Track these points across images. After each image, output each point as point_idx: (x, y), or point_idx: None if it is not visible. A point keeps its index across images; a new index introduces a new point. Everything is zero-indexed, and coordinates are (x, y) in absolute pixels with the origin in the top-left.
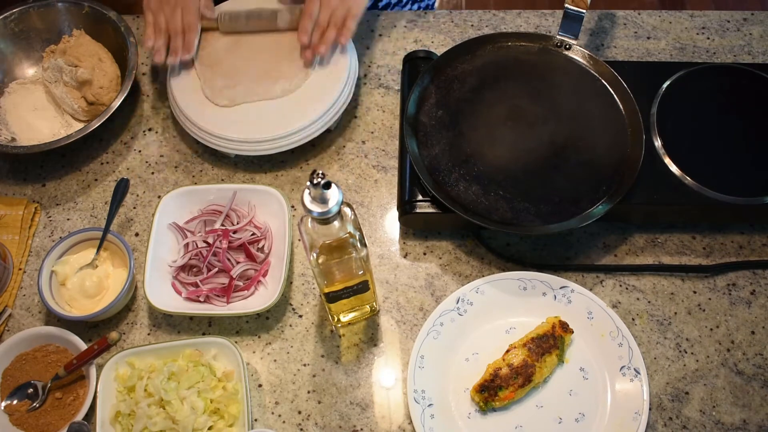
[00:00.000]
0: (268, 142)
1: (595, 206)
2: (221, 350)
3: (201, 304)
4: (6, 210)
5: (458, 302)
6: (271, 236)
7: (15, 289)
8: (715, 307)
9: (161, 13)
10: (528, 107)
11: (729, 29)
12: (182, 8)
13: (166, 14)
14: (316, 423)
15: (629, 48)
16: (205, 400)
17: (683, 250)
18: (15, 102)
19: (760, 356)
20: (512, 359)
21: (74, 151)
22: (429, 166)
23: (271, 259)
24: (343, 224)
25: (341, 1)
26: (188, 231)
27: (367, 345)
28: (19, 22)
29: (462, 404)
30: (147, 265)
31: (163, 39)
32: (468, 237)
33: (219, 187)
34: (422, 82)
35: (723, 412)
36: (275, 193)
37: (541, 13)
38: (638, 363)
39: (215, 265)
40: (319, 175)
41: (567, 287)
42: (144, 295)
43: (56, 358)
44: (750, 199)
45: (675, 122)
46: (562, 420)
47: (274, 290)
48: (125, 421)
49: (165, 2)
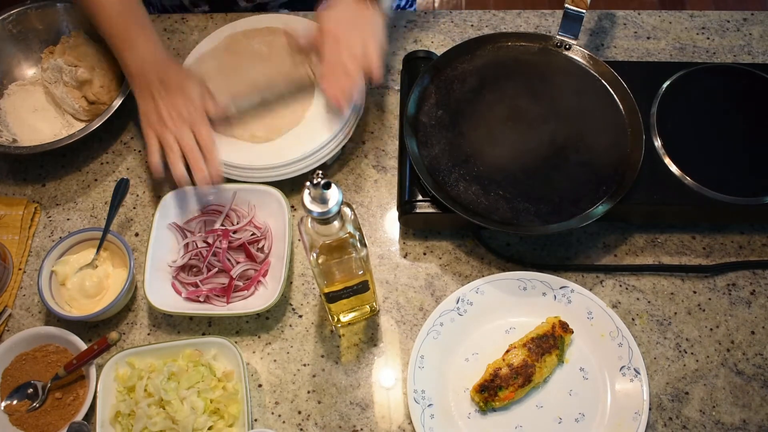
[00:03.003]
0: (268, 169)
1: (595, 206)
2: (221, 350)
3: (201, 304)
4: (6, 210)
5: (458, 302)
6: (271, 236)
7: (15, 289)
8: (715, 307)
9: (167, 131)
10: (528, 107)
11: (729, 29)
12: (190, 125)
13: (173, 131)
14: (316, 423)
15: (629, 48)
16: (205, 400)
17: (683, 250)
18: (15, 103)
19: (760, 356)
20: (512, 359)
21: (74, 151)
22: (429, 166)
23: (271, 259)
24: (343, 224)
25: (360, 40)
26: (188, 231)
27: (367, 345)
28: (18, 23)
29: (462, 404)
30: (147, 264)
31: (178, 156)
32: (468, 237)
33: (219, 186)
34: (422, 82)
35: (723, 412)
36: (275, 193)
37: (541, 13)
38: (638, 363)
39: (215, 265)
40: (319, 175)
41: (567, 287)
42: (144, 295)
43: (56, 358)
44: (750, 199)
45: (675, 122)
46: (562, 420)
47: (274, 290)
48: (125, 421)
49: (168, 120)
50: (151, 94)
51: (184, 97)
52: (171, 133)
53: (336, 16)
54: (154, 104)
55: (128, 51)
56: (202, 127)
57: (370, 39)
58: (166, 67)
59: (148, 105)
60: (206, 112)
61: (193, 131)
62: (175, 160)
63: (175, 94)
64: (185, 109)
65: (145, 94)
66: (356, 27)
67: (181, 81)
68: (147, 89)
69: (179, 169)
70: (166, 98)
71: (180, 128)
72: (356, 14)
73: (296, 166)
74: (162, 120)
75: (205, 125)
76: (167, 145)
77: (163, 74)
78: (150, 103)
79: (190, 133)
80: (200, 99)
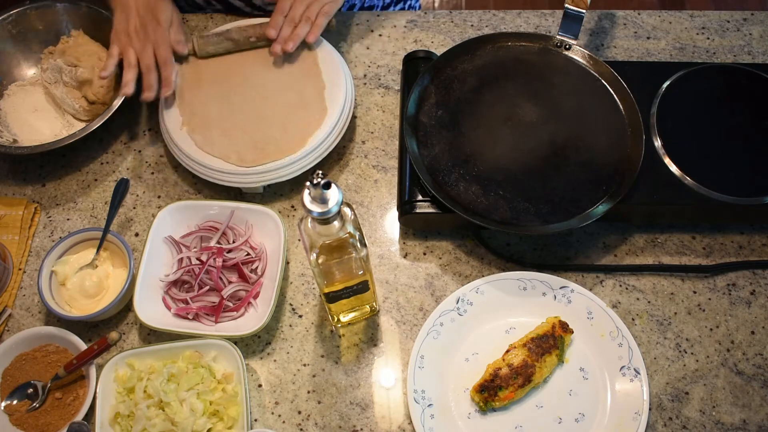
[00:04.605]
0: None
1: (595, 206)
2: (221, 352)
3: (189, 322)
4: (6, 210)
5: (458, 302)
6: (266, 258)
7: (15, 289)
8: (715, 307)
9: (130, 48)
10: (528, 107)
11: (729, 29)
12: (153, 44)
13: (136, 48)
14: (316, 423)
15: (629, 48)
16: (205, 402)
17: (683, 250)
18: (15, 104)
19: (760, 356)
20: (512, 359)
21: (74, 152)
22: (429, 166)
23: (264, 281)
24: (343, 224)
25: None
26: (183, 245)
27: (367, 345)
28: (17, 23)
29: (462, 404)
30: (139, 278)
31: (133, 72)
32: (468, 237)
33: (217, 204)
34: (422, 82)
35: (723, 412)
36: (272, 215)
37: (541, 13)
38: (638, 363)
39: (207, 283)
40: (319, 175)
41: (567, 287)
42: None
43: (56, 358)
44: (750, 199)
45: (675, 122)
46: (562, 420)
47: (264, 313)
48: (124, 423)
49: (134, 36)
50: (125, 13)
51: (154, 20)
52: (134, 50)
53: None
54: (126, 23)
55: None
56: (162, 47)
57: (327, 1)
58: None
59: (121, 23)
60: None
61: (154, 50)
62: (128, 73)
63: (146, 15)
64: (152, 30)
65: (120, 12)
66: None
67: (155, 3)
68: (124, 8)
69: (128, 80)
70: (137, 18)
71: (143, 46)
72: None
73: (290, 169)
74: (129, 36)
75: (166, 46)
76: (126, 59)
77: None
78: (123, 21)
79: (150, 51)
80: (167, 23)
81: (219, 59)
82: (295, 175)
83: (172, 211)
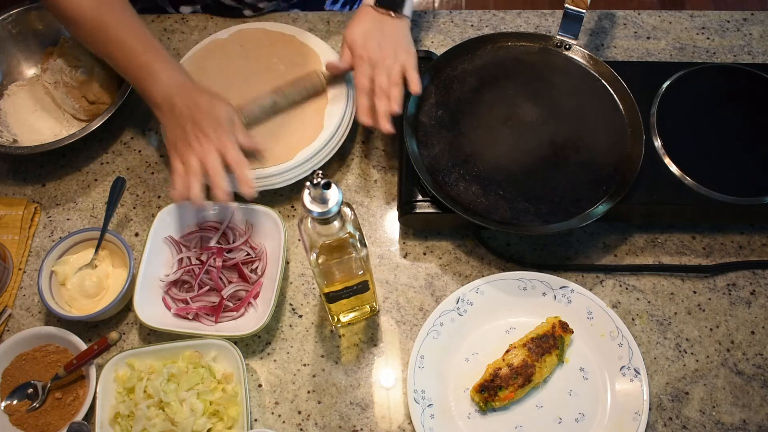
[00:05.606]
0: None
1: (595, 206)
2: (221, 352)
3: (189, 322)
4: (6, 210)
5: (458, 302)
6: (266, 258)
7: (15, 289)
8: (715, 307)
9: (192, 154)
10: (528, 107)
11: (729, 29)
12: (219, 148)
13: (198, 153)
14: (316, 423)
15: (629, 48)
16: (205, 402)
17: (683, 250)
18: (15, 104)
19: (760, 356)
20: (512, 359)
21: (74, 151)
22: (429, 166)
23: (264, 281)
24: (343, 224)
25: (393, 57)
26: (184, 245)
27: (367, 345)
28: (17, 23)
29: (462, 404)
30: (139, 278)
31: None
32: (468, 237)
33: (217, 204)
34: (422, 82)
35: (723, 412)
36: (272, 215)
37: (541, 13)
38: (638, 363)
39: (207, 283)
40: (319, 175)
41: (567, 287)
42: None
43: (56, 358)
44: (750, 199)
45: (675, 122)
46: (562, 420)
47: (264, 313)
48: (124, 423)
49: (194, 140)
50: (178, 121)
51: (213, 122)
52: (196, 156)
53: (363, 36)
54: (182, 131)
55: (153, 85)
56: (230, 149)
57: (403, 54)
58: (194, 94)
59: (176, 132)
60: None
61: (221, 153)
62: (192, 180)
63: (203, 119)
64: (213, 132)
65: (172, 121)
66: (387, 44)
67: (209, 105)
68: (174, 117)
69: (194, 189)
70: (193, 124)
71: (206, 150)
72: (382, 28)
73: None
74: (188, 144)
75: (233, 147)
76: (189, 166)
77: (189, 100)
78: (177, 129)
79: (216, 154)
80: (229, 123)
81: (221, 63)
82: (286, 184)
83: (172, 211)
